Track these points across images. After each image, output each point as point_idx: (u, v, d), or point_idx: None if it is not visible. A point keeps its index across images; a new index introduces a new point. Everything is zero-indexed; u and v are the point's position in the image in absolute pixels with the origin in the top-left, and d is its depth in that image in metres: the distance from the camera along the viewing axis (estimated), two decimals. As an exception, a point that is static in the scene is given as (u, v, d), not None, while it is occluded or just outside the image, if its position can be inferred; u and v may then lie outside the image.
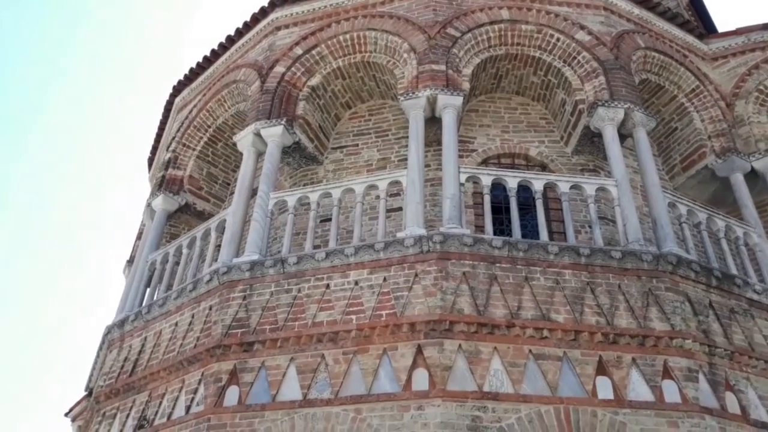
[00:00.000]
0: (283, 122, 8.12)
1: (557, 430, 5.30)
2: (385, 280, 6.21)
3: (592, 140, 8.14)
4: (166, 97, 11.43)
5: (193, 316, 7.04)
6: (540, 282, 6.06)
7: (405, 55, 8.23)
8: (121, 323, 8.18)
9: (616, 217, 6.95)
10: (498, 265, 6.10)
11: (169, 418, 6.62)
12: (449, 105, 7.52)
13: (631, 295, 6.11)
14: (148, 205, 9.74)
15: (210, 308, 6.84)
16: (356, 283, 6.31)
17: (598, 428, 5.36)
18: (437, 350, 5.63)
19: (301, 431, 5.63)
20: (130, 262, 10.98)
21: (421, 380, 5.55)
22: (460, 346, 5.66)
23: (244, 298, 6.65)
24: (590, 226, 7.22)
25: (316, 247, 7.07)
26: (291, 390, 5.96)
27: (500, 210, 7.61)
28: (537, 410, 5.38)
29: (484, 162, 8.34)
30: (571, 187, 6.95)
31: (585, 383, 5.59)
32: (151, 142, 12.26)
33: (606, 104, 7.66)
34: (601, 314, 5.95)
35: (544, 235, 6.52)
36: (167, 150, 10.26)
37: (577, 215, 7.69)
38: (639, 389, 5.63)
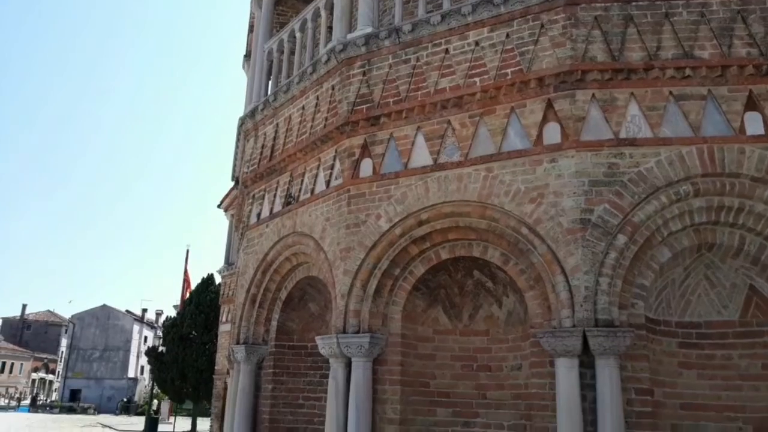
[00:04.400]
0: None
1: (700, 169, 5.14)
2: (507, 36, 5.88)
3: None
4: None
5: (317, 98, 7.22)
6: (682, 17, 5.45)
7: None
8: (252, 113, 8.60)
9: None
10: (634, 3, 5.52)
11: (312, 193, 7.17)
12: None
13: (792, 18, 5.38)
14: (253, -7, 9.59)
15: (332, 88, 6.95)
16: (477, 43, 6.04)
17: (746, 165, 5.13)
18: (569, 102, 5.43)
19: (435, 192, 5.90)
20: (248, 56, 11.22)
21: (552, 134, 5.47)
22: (593, 95, 5.41)
23: (364, 73, 6.65)
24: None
25: (429, 12, 6.72)
26: (421, 157, 6.15)
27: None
28: (678, 152, 5.20)
29: None
30: None
31: (732, 120, 5.25)
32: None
33: None
34: (753, 44, 5.35)
35: (687, -39, 5.71)
36: (260, -69, 9.76)
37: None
38: (794, 120, 5.21)
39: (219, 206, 21.38)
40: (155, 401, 35.59)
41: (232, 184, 14.40)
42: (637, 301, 5.19)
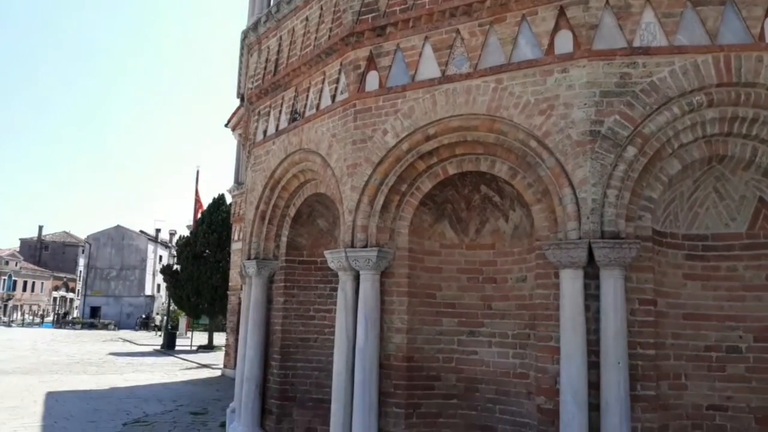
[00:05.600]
0: None
1: (715, 79, 4.99)
2: (518, -63, 5.58)
3: None
4: None
5: (321, 8, 6.98)
6: None
7: None
8: (254, 26, 8.37)
9: None
10: None
11: (317, 108, 7.07)
12: None
13: None
14: None
15: (337, -3, 6.70)
16: (487, -54, 5.74)
17: (763, 74, 4.96)
18: (581, 9, 5.21)
19: (442, 105, 5.80)
20: (249, -34, 10.77)
21: (564, 43, 5.28)
22: (607, 1, 5.17)
23: (369, -19, 6.38)
24: None
25: None
26: (429, 69, 5.99)
27: None
28: (693, 61, 5.02)
29: None
30: None
31: (751, 27, 5.03)
32: None
33: None
34: (780, -56, 5.05)
35: None
36: None
37: None
38: (818, 27, 4.99)
39: (226, 125, 21.22)
40: (175, 319, 36.77)
41: (238, 102, 14.21)
42: (644, 214, 5.17)
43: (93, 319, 59.52)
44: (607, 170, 5.01)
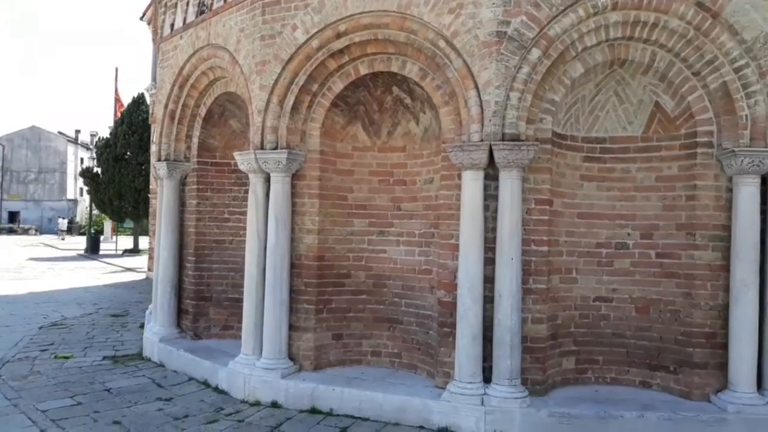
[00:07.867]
0: None
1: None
2: None
3: None
4: None
5: None
6: None
7: None
8: None
9: None
10: None
11: (225, 0, 6.69)
12: None
13: None
14: None
15: None
16: None
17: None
18: None
19: (353, 1, 5.59)
20: None
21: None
22: None
23: None
24: None
25: None
26: (339, -40, 5.72)
27: None
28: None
29: None
30: None
31: (659, -72, 5.01)
32: None
33: None
34: None
35: None
36: None
37: None
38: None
39: (141, 19, 19.83)
40: (100, 223, 35.76)
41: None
42: (545, 116, 5.29)
43: (12, 224, 57.14)
44: (511, 72, 5.05)
